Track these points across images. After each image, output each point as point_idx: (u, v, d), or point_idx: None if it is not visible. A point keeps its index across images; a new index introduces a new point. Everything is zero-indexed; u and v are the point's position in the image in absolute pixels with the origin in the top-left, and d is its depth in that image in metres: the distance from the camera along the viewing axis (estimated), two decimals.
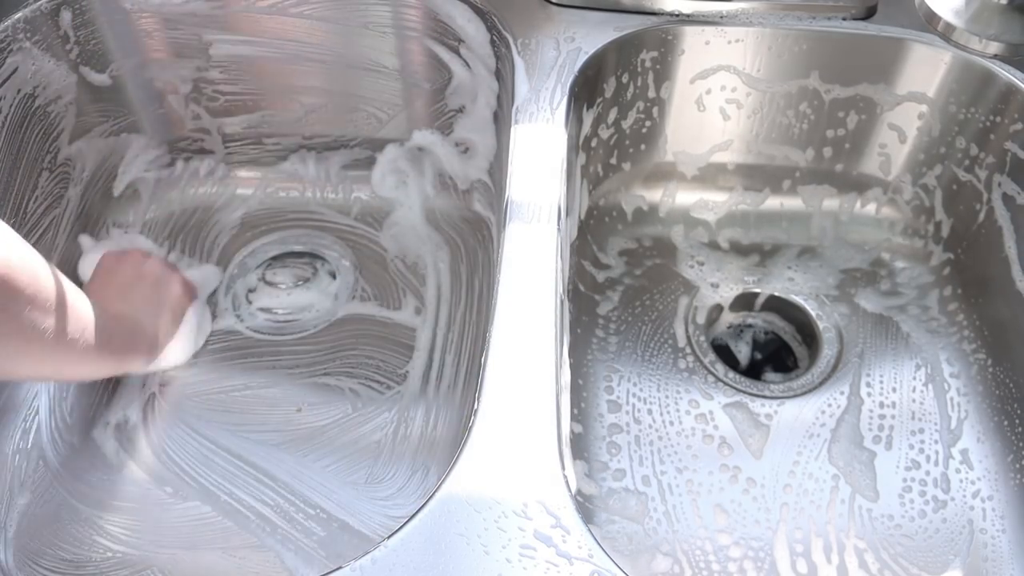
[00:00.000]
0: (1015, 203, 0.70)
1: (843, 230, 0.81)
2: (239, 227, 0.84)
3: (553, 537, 0.45)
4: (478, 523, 0.45)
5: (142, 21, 0.75)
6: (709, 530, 0.64)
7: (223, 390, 0.72)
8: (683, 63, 0.74)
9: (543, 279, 0.54)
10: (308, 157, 0.86)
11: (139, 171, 0.83)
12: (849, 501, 0.65)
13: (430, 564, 0.44)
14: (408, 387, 0.73)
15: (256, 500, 0.66)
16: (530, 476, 0.47)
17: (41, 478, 0.67)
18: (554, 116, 0.65)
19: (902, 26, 0.70)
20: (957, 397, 0.70)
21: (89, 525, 0.65)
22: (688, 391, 0.71)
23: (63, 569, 0.63)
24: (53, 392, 0.71)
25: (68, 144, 0.77)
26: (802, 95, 0.75)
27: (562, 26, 0.71)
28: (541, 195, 0.59)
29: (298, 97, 0.82)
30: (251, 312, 0.78)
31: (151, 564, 0.63)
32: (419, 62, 0.78)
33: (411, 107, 0.82)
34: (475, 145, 0.81)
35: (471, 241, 0.82)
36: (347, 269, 0.80)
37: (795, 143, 0.79)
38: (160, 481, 0.67)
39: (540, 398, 0.49)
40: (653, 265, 0.79)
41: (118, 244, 0.79)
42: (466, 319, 0.77)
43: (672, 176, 0.82)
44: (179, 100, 0.81)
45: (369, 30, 0.76)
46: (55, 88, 0.74)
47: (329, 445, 0.69)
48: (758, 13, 0.71)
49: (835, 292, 0.77)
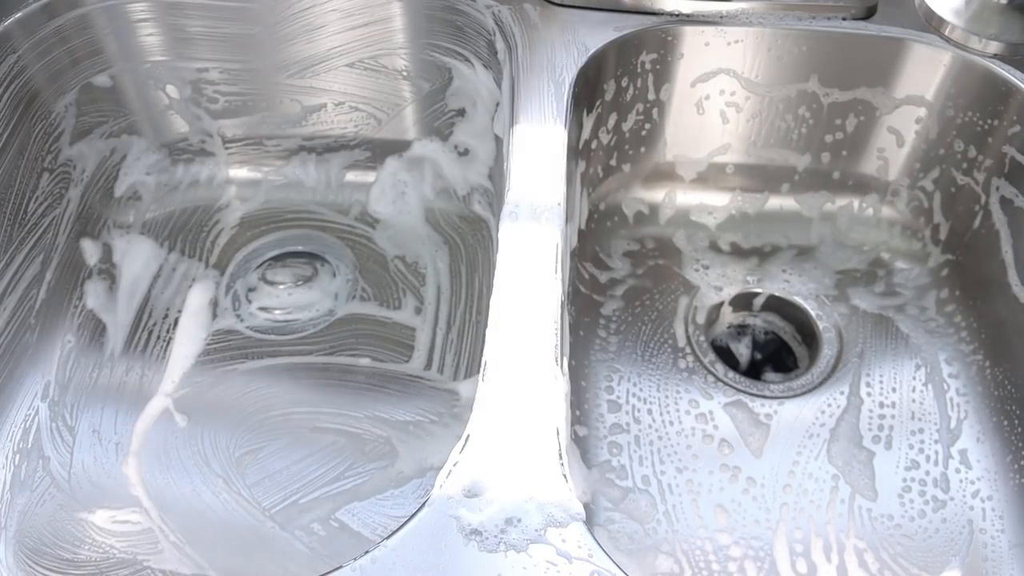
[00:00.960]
0: (1013, 206, 0.70)
1: (842, 232, 0.81)
2: (239, 227, 0.84)
3: (553, 537, 0.45)
4: (477, 523, 0.45)
5: (141, 22, 0.75)
6: (709, 530, 0.64)
7: (223, 390, 0.72)
8: (683, 65, 0.74)
9: (543, 279, 0.54)
10: (308, 158, 0.86)
11: (140, 174, 0.83)
12: (849, 501, 0.65)
13: (429, 564, 0.44)
14: (408, 385, 0.73)
15: (255, 499, 0.66)
16: (529, 476, 0.47)
17: (41, 478, 0.67)
18: (554, 116, 0.64)
19: (902, 26, 0.70)
20: (956, 397, 0.70)
21: (88, 525, 0.65)
22: (688, 391, 0.71)
23: (63, 568, 0.63)
24: (53, 392, 0.71)
25: (69, 145, 0.77)
26: (801, 98, 0.75)
27: (562, 26, 0.71)
28: (541, 195, 0.59)
29: (297, 97, 0.82)
30: (251, 312, 0.78)
31: (150, 564, 0.63)
32: (419, 61, 0.78)
33: (410, 107, 0.82)
34: (474, 147, 0.81)
35: (471, 241, 0.82)
36: (347, 269, 0.80)
37: (794, 146, 0.79)
38: (159, 481, 0.67)
39: (540, 398, 0.49)
40: (653, 266, 0.79)
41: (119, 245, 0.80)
42: (466, 319, 0.77)
43: (672, 178, 0.82)
44: (179, 101, 0.81)
45: (368, 29, 0.76)
46: (55, 89, 0.74)
47: (328, 445, 0.69)
48: (758, 13, 0.71)
49: (834, 293, 0.77)
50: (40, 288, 0.73)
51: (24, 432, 0.69)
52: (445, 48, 0.77)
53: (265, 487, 0.67)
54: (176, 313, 0.77)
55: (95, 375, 0.73)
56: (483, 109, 0.78)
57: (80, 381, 0.73)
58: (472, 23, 0.73)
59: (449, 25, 0.75)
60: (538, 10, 0.72)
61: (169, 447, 0.69)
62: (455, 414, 0.70)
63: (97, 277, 0.78)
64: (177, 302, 0.78)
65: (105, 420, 0.70)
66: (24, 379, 0.71)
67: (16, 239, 0.71)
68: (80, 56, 0.74)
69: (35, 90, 0.72)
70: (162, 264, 0.81)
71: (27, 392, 0.71)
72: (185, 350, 0.75)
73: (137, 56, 0.77)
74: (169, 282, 0.80)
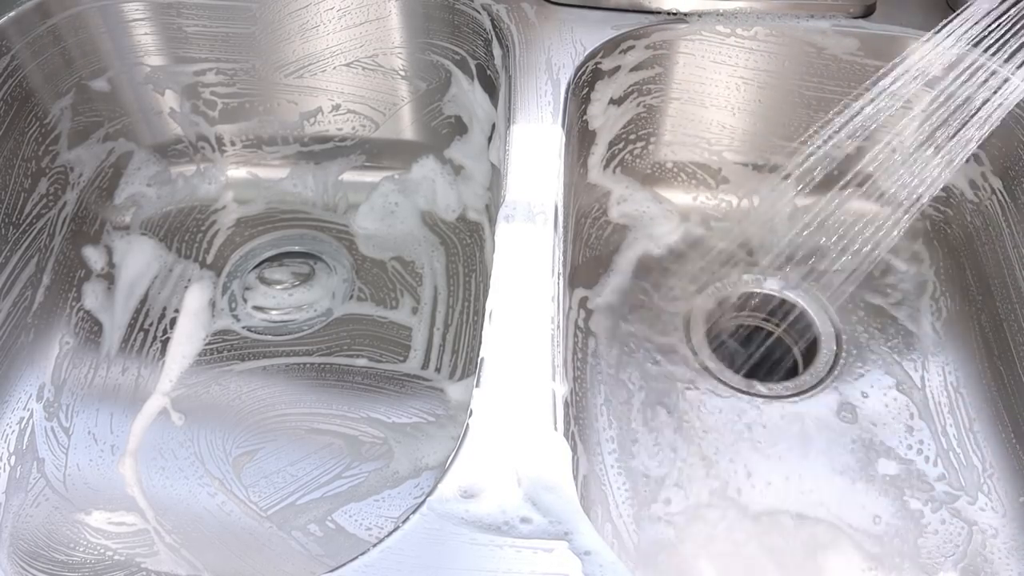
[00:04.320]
0: (1015, 203, 0.70)
1: (842, 230, 0.80)
2: (235, 227, 0.83)
3: (552, 536, 0.44)
4: (475, 523, 0.45)
5: (136, 22, 0.75)
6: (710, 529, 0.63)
7: (220, 390, 0.72)
8: (681, 62, 0.74)
9: (540, 279, 0.54)
10: (305, 159, 0.86)
11: (140, 185, 0.83)
12: (848, 500, 0.65)
13: (426, 565, 0.43)
14: (405, 386, 0.72)
15: (253, 500, 0.66)
16: (528, 475, 0.46)
17: (36, 479, 0.67)
18: (551, 116, 0.64)
19: (901, 24, 0.70)
20: (955, 396, 0.70)
21: (83, 527, 0.65)
22: (687, 391, 0.70)
23: (57, 571, 0.63)
24: (48, 393, 0.71)
25: (66, 148, 0.76)
26: (800, 94, 0.75)
27: (559, 24, 0.71)
28: (538, 195, 0.59)
29: (296, 99, 0.81)
30: (247, 312, 0.77)
31: (146, 565, 0.63)
32: (417, 61, 0.78)
33: (408, 107, 0.82)
34: (471, 155, 0.82)
35: (467, 241, 0.82)
36: (344, 269, 0.80)
37: (793, 141, 0.79)
38: (155, 482, 0.67)
39: (537, 397, 0.49)
40: (653, 266, 0.79)
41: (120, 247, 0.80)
42: (462, 319, 0.76)
43: (671, 174, 0.82)
44: (177, 104, 0.81)
45: (367, 28, 0.76)
46: (49, 89, 0.73)
47: (325, 445, 0.69)
48: (756, 12, 0.71)
49: (834, 292, 0.76)
50: (36, 289, 0.73)
51: (19, 434, 0.69)
52: (442, 47, 0.76)
53: (262, 488, 0.66)
54: (173, 313, 0.77)
55: (90, 376, 0.73)
56: (479, 129, 0.79)
57: (75, 382, 0.72)
58: (469, 22, 0.73)
59: (446, 24, 0.75)
60: (535, 9, 0.72)
61: (165, 448, 0.69)
62: (451, 415, 0.70)
63: (96, 278, 0.78)
64: (174, 302, 0.78)
65: (101, 421, 0.70)
66: (19, 380, 0.71)
67: (11, 239, 0.70)
68: (74, 56, 0.74)
69: (29, 90, 0.71)
70: (161, 264, 0.80)
71: (22, 393, 0.70)
72: (183, 350, 0.75)
73: (132, 56, 0.77)
74: (166, 282, 0.79)
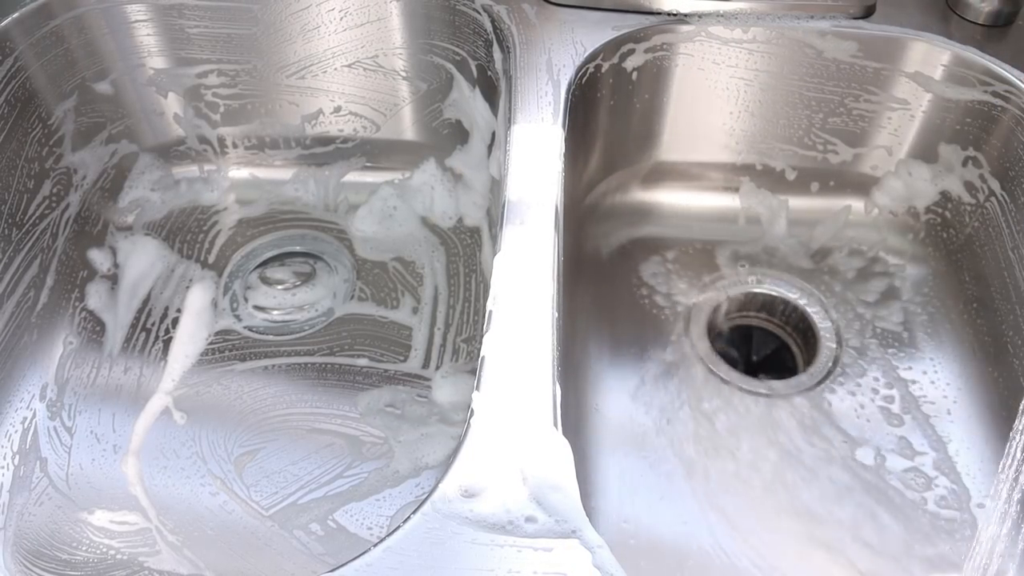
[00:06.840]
0: (1013, 204, 0.70)
1: (841, 230, 0.81)
2: (237, 228, 0.84)
3: (552, 536, 0.44)
4: (478, 522, 0.45)
5: (139, 23, 0.75)
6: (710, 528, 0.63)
7: (221, 390, 0.72)
8: (681, 63, 0.74)
9: (540, 279, 0.54)
10: (307, 160, 0.86)
11: (144, 190, 0.84)
12: (847, 499, 0.65)
13: (427, 564, 0.44)
14: (405, 386, 0.73)
15: (255, 499, 0.66)
16: (527, 475, 0.46)
17: (39, 479, 0.67)
18: (552, 116, 0.64)
19: (901, 25, 0.70)
20: (954, 396, 0.70)
21: (86, 526, 0.65)
22: (687, 390, 0.70)
23: (60, 570, 0.63)
24: (51, 393, 0.71)
25: (70, 150, 0.77)
26: (800, 95, 0.75)
27: (560, 25, 0.71)
28: (539, 195, 0.59)
29: (297, 100, 0.82)
30: (249, 311, 0.78)
31: (149, 564, 0.63)
32: (418, 62, 0.78)
33: (408, 107, 0.82)
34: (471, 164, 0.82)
35: (468, 241, 0.82)
36: (345, 269, 0.80)
37: (793, 142, 0.79)
38: (157, 481, 0.67)
39: (537, 397, 0.49)
40: (653, 266, 0.79)
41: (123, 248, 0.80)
42: (463, 319, 0.77)
43: (671, 176, 0.82)
44: (179, 107, 0.81)
45: (368, 29, 0.76)
46: (53, 90, 0.74)
47: (327, 444, 0.69)
48: (756, 12, 0.71)
49: (833, 291, 0.76)
50: (39, 289, 0.73)
51: (22, 433, 0.69)
52: (443, 48, 0.77)
53: (263, 487, 0.67)
54: (175, 313, 0.77)
55: (93, 375, 0.73)
56: (479, 137, 0.79)
57: (78, 381, 0.73)
58: (470, 23, 0.73)
59: (447, 25, 0.75)
60: (536, 9, 0.72)
61: (167, 447, 0.69)
62: (451, 414, 0.70)
63: (99, 278, 0.78)
64: (176, 302, 0.78)
65: (103, 420, 0.70)
66: (22, 380, 0.71)
67: (15, 240, 0.71)
68: (78, 57, 0.74)
69: (32, 91, 0.72)
70: (165, 265, 0.81)
71: (25, 393, 0.71)
72: (186, 350, 0.75)
73: (135, 58, 0.77)
74: (168, 282, 0.80)
